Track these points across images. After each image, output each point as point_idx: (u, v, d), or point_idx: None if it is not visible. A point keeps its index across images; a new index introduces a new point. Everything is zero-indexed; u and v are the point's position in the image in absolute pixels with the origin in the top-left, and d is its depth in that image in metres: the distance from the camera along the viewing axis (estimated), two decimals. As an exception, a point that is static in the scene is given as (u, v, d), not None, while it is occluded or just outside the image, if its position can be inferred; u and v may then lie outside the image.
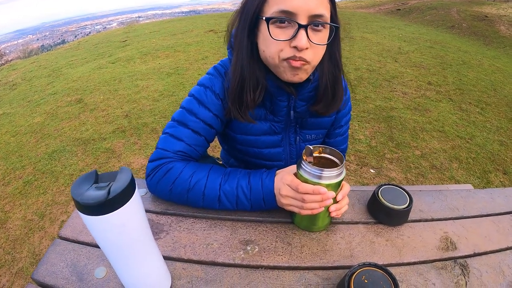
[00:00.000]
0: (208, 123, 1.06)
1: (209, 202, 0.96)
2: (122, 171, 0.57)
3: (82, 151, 3.80)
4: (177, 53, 7.93)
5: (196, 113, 1.04)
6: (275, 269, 0.85)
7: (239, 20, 0.96)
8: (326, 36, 0.91)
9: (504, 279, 0.86)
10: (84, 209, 0.51)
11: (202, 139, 1.07)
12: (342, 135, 1.34)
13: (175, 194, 0.98)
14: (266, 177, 0.94)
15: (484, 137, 4.14)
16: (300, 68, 0.91)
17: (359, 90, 5.39)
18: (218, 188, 0.95)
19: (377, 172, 3.38)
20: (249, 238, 0.92)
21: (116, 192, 0.52)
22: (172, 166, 0.98)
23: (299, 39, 0.84)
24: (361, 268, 0.75)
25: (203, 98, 1.05)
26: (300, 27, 0.84)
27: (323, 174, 0.81)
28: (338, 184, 0.85)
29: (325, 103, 1.07)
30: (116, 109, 4.84)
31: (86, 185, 0.54)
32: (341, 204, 0.91)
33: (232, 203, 0.96)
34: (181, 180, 0.96)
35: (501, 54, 9.27)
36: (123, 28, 16.63)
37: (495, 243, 0.98)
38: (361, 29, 10.85)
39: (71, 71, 7.54)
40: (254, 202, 0.95)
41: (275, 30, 0.86)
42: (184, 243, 0.91)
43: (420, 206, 1.10)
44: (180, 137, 1.03)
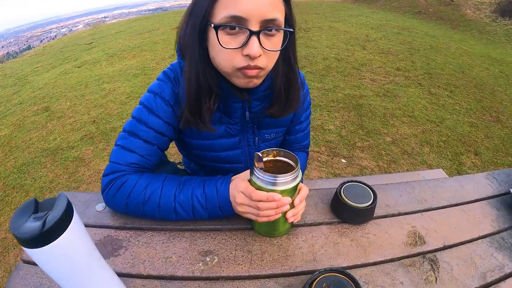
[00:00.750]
0: (160, 131, 1.02)
1: (165, 213, 0.93)
2: (59, 198, 0.54)
3: (51, 162, 3.72)
4: (143, 52, 7.86)
5: (146, 122, 1.00)
6: (235, 279, 0.82)
7: (186, 23, 0.91)
8: (280, 40, 0.87)
9: (476, 270, 0.85)
10: (21, 242, 0.49)
11: (155, 148, 1.03)
12: (303, 131, 1.32)
13: (131, 208, 0.95)
14: (220, 184, 0.91)
15: (454, 120, 4.21)
16: (255, 76, 0.87)
17: (328, 79, 5.40)
18: (173, 199, 0.92)
19: (349, 161, 3.39)
20: (208, 249, 0.90)
21: (51, 223, 0.49)
22: (126, 179, 0.95)
23: (251, 47, 0.79)
24: (322, 274, 0.73)
25: (153, 106, 1.01)
26: (251, 34, 0.79)
27: (277, 180, 0.79)
28: (294, 188, 0.82)
29: (279, 106, 1.04)
30: (83, 115, 4.76)
31: (25, 216, 0.51)
32: (298, 209, 0.88)
33: (189, 213, 0.93)
34: (136, 193, 0.93)
35: (468, 37, 9.45)
36: (89, 30, 16.39)
37: (466, 234, 0.97)
38: (328, 18, 10.91)
39: (37, 78, 7.40)
40: (211, 211, 0.92)
41: (224, 38, 0.81)
42: (143, 258, 0.87)
43: (386, 201, 1.08)
44: (132, 148, 1.00)
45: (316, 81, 5.32)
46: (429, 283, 0.81)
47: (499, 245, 0.93)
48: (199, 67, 0.91)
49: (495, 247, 0.93)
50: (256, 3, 0.76)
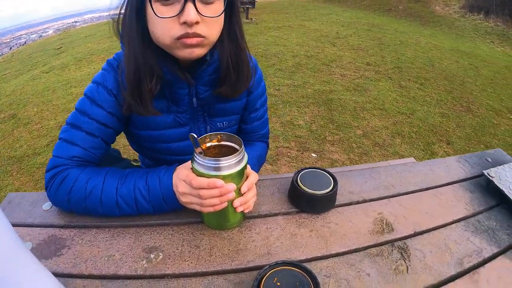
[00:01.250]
0: (103, 122, 0.96)
1: (108, 208, 0.88)
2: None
3: (17, 170, 3.63)
4: (112, 55, 7.68)
5: (89, 113, 0.95)
6: (181, 277, 0.76)
7: (125, 4, 0.87)
8: (220, 8, 0.84)
9: (451, 257, 0.82)
10: None
11: (99, 141, 0.97)
12: (260, 119, 1.26)
13: (74, 204, 0.89)
14: (164, 174, 0.86)
15: (425, 111, 4.27)
16: (197, 45, 0.83)
17: (297, 76, 5.42)
18: (115, 192, 0.86)
19: (319, 155, 3.38)
20: (153, 245, 0.84)
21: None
22: (67, 173, 0.89)
23: (187, 13, 0.76)
24: (273, 268, 0.67)
25: (95, 96, 0.96)
26: (186, 1, 0.76)
27: (219, 164, 0.73)
28: (239, 173, 0.77)
29: (229, 84, 0.99)
30: (50, 121, 4.66)
31: None
32: (247, 197, 0.83)
33: (132, 207, 0.87)
34: (77, 188, 0.87)
35: (437, 32, 9.68)
36: (58, 35, 16.13)
37: (438, 218, 0.94)
38: (299, 17, 10.99)
39: (4, 86, 7.22)
40: (155, 203, 0.87)
41: (160, 8, 0.78)
42: (86, 257, 0.81)
43: (349, 188, 1.05)
44: (74, 141, 0.94)
45: (285, 78, 5.34)
46: (400, 273, 0.77)
47: (475, 229, 0.91)
48: (137, 47, 0.87)
49: (471, 230, 0.90)
50: None
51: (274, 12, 12.25)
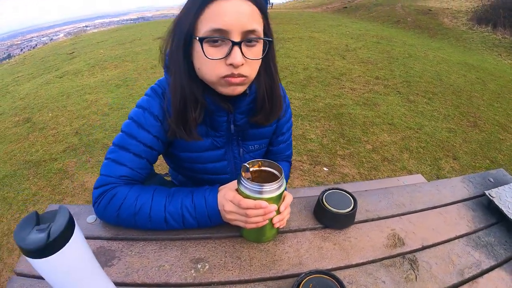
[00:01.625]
0: (149, 145, 1.05)
1: (156, 224, 0.96)
2: (60, 210, 0.57)
3: (34, 174, 3.65)
4: (125, 63, 7.78)
5: (136, 136, 1.03)
6: (226, 284, 0.86)
7: (172, 40, 0.96)
8: (260, 50, 0.93)
9: (454, 268, 0.90)
10: (27, 253, 0.52)
11: (144, 162, 1.06)
12: (285, 142, 1.36)
13: (123, 219, 0.97)
14: (208, 194, 0.95)
15: (432, 126, 4.29)
16: (240, 84, 0.92)
17: (309, 89, 5.45)
18: (163, 209, 0.95)
19: (330, 169, 3.42)
20: (199, 256, 0.93)
21: (55, 235, 0.52)
22: (117, 191, 0.97)
23: (234, 57, 0.85)
24: (307, 276, 0.77)
25: (142, 121, 1.04)
26: (234, 45, 0.84)
27: (263, 189, 0.83)
28: (279, 196, 0.87)
29: (264, 113, 1.09)
30: (66, 127, 4.69)
31: (28, 228, 0.54)
32: (283, 215, 0.93)
33: (179, 222, 0.96)
34: (127, 205, 0.95)
35: (445, 45, 9.64)
36: (70, 39, 16.15)
37: (443, 234, 1.03)
38: (309, 28, 10.97)
39: (18, 88, 7.25)
40: (200, 220, 0.96)
41: (209, 49, 0.86)
42: (137, 268, 0.90)
43: (366, 206, 1.13)
44: (122, 161, 1.02)
45: (297, 91, 5.35)
46: (410, 281, 0.86)
47: (475, 244, 0.99)
48: (184, 80, 0.95)
49: (471, 245, 0.98)
50: (236, 16, 0.83)
51: (283, 23, 12.21)
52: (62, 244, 0.54)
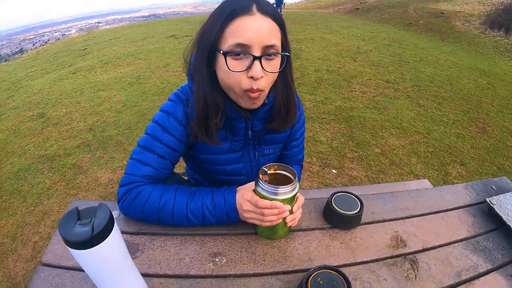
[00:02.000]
0: (172, 147, 1.11)
1: (178, 220, 1.03)
2: (100, 207, 0.64)
3: (48, 168, 3.71)
4: (138, 60, 7.83)
5: (161, 139, 1.10)
6: (242, 276, 0.93)
7: (197, 50, 1.03)
8: (278, 63, 0.99)
9: (452, 269, 0.96)
10: (73, 245, 0.58)
11: (167, 162, 1.13)
12: (298, 146, 1.43)
13: (147, 215, 1.04)
14: (228, 194, 1.02)
15: (441, 131, 4.31)
16: (258, 98, 0.99)
17: (320, 92, 5.47)
18: (185, 207, 1.02)
19: (339, 172, 3.46)
20: (217, 251, 1.00)
21: (99, 229, 0.59)
22: (141, 190, 1.04)
23: (254, 70, 0.91)
24: (316, 271, 0.84)
25: (166, 125, 1.11)
26: (254, 59, 0.90)
27: (278, 191, 0.90)
28: (292, 198, 0.94)
29: (279, 121, 1.16)
30: (80, 123, 4.75)
31: (71, 223, 0.60)
32: (296, 215, 1.00)
33: (199, 219, 1.03)
34: (151, 202, 1.02)
35: (457, 49, 9.55)
36: (82, 35, 16.23)
37: (444, 238, 1.08)
38: (320, 29, 10.97)
39: (31, 83, 7.33)
40: (219, 217, 1.02)
41: (232, 62, 0.93)
42: (159, 260, 0.97)
43: (372, 209, 1.19)
44: (147, 162, 1.09)
45: (308, 93, 5.38)
46: (409, 280, 0.92)
47: (474, 248, 1.04)
48: (207, 88, 1.02)
49: (470, 249, 1.03)
50: (258, 32, 0.89)
51: (295, 23, 12.23)
52: (104, 237, 0.60)
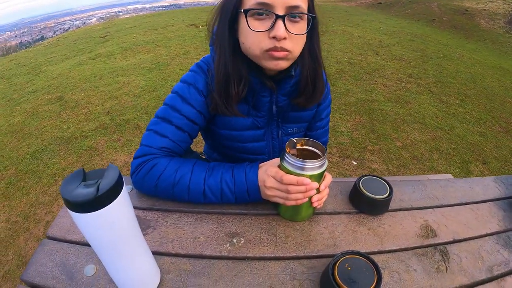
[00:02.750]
0: (192, 119, 1.07)
1: (194, 196, 0.97)
2: (109, 168, 0.58)
3: (65, 150, 3.75)
4: (158, 48, 7.84)
5: (180, 109, 1.05)
6: (261, 259, 0.87)
7: (219, 16, 0.98)
8: (304, 27, 0.93)
9: (483, 264, 0.89)
10: (74, 207, 0.52)
11: (186, 135, 1.08)
12: (323, 128, 1.37)
13: (161, 190, 0.99)
14: (249, 170, 0.96)
15: (464, 128, 4.22)
16: (282, 58, 0.93)
17: (341, 83, 5.41)
18: (202, 182, 0.96)
19: (359, 163, 3.41)
20: (234, 231, 0.94)
21: (104, 189, 0.53)
22: (157, 162, 0.99)
23: (277, 29, 0.86)
24: (344, 256, 0.77)
25: (187, 95, 1.06)
26: (277, 18, 0.86)
27: (306, 165, 0.84)
28: (320, 175, 0.87)
29: (306, 96, 1.10)
30: (98, 106, 4.78)
31: (74, 183, 0.54)
32: (323, 194, 0.94)
33: (217, 196, 0.97)
34: (166, 176, 0.97)
35: (481, 47, 9.39)
36: (103, 23, 16.35)
37: (474, 230, 1.01)
38: (342, 22, 10.85)
39: (50, 68, 7.39)
40: (239, 195, 0.96)
41: (253, 22, 0.88)
42: (172, 238, 0.92)
43: (400, 196, 1.13)
44: (164, 133, 1.04)
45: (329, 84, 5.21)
46: (440, 272, 0.86)
47: (505, 243, 0.97)
48: (229, 55, 0.97)
49: (501, 244, 0.97)
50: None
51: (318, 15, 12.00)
52: (110, 200, 0.54)
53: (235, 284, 0.80)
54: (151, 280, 0.77)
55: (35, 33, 47.36)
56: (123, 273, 0.69)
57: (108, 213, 0.55)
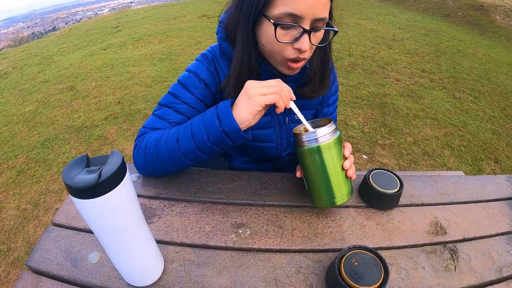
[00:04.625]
0: (192, 105, 1.07)
1: (171, 148, 0.94)
2: (113, 154, 0.57)
3: (75, 139, 3.77)
4: (169, 38, 7.84)
5: (180, 96, 1.07)
6: (267, 251, 0.86)
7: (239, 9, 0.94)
8: (322, 34, 0.94)
9: (493, 264, 0.87)
10: (76, 193, 0.51)
11: (185, 118, 1.07)
12: (331, 115, 1.36)
13: (149, 158, 0.99)
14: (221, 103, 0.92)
15: (476, 126, 4.15)
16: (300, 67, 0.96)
17: (353, 76, 5.37)
18: (176, 132, 0.94)
19: (370, 158, 3.39)
20: (240, 222, 0.94)
21: (107, 175, 0.52)
22: (145, 136, 1.02)
23: (302, 43, 0.87)
24: (351, 250, 0.76)
25: (187, 82, 1.08)
26: (304, 32, 0.86)
27: (318, 133, 0.83)
28: (337, 142, 0.86)
29: (312, 86, 1.09)
30: (109, 96, 4.80)
31: (77, 169, 0.54)
32: (351, 159, 0.92)
33: (187, 136, 0.92)
34: (151, 140, 0.98)
35: (495, 44, 9.25)
36: (114, 14, 16.39)
37: (485, 229, 0.99)
38: (355, 15, 10.76)
39: (62, 59, 7.41)
40: (208, 122, 0.89)
41: (279, 31, 0.87)
42: (177, 227, 0.91)
43: (410, 191, 1.11)
44: (163, 116, 1.06)
45: (341, 77, 5.29)
46: (449, 271, 0.84)
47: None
48: (245, 52, 0.97)
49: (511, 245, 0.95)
50: (311, 3, 0.82)
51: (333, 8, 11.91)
52: (113, 186, 0.54)
53: (239, 275, 0.80)
54: (154, 269, 0.76)
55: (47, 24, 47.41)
56: (125, 261, 0.69)
57: (110, 199, 0.54)
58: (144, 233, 0.69)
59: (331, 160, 0.85)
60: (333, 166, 0.86)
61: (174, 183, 1.08)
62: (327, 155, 0.84)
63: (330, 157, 0.85)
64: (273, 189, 1.07)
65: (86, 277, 0.78)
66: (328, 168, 0.86)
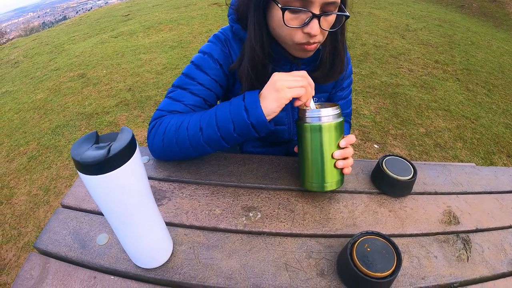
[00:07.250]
0: (207, 86, 1.06)
1: (193, 136, 0.93)
2: (122, 131, 0.56)
3: (86, 125, 3.81)
4: (180, 26, 7.85)
5: (194, 77, 1.06)
6: (277, 235, 0.85)
7: None
8: (334, 18, 0.92)
9: (505, 256, 0.86)
10: (84, 169, 0.51)
11: (200, 100, 1.06)
12: (345, 98, 1.34)
13: (167, 143, 0.98)
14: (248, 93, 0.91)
15: (489, 119, 4.10)
16: (313, 50, 0.95)
17: (365, 65, 5.34)
18: (199, 119, 0.93)
19: (381, 147, 3.38)
20: (251, 205, 0.93)
21: (116, 151, 0.51)
22: (163, 119, 1.00)
23: (311, 27, 0.86)
24: (364, 236, 0.74)
25: (201, 63, 1.07)
26: (313, 17, 0.85)
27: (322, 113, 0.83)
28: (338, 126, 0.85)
29: (322, 71, 1.08)
30: (119, 83, 4.83)
31: (86, 146, 0.53)
32: (346, 151, 0.88)
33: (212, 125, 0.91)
34: (171, 125, 0.97)
35: (510, 37, 9.13)
36: (125, 3, 16.39)
37: (498, 221, 0.98)
38: (368, 4, 10.66)
39: (73, 47, 7.48)
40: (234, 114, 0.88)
41: (288, 16, 0.87)
42: (186, 209, 0.91)
43: (424, 179, 1.09)
44: (178, 98, 1.05)
45: (353, 66, 5.16)
46: (461, 261, 0.82)
47: None
48: (258, 36, 0.96)
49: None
50: None
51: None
52: (122, 162, 0.53)
53: (249, 259, 0.79)
54: (163, 251, 0.76)
55: (57, 13, 47.55)
56: (133, 242, 0.68)
57: (119, 175, 0.53)
58: (153, 213, 0.68)
59: (328, 143, 0.85)
60: (329, 150, 0.86)
61: (185, 166, 1.07)
62: (326, 136, 0.84)
63: (329, 140, 0.85)
64: (284, 173, 1.06)
65: (94, 259, 0.78)
66: (324, 149, 0.86)
